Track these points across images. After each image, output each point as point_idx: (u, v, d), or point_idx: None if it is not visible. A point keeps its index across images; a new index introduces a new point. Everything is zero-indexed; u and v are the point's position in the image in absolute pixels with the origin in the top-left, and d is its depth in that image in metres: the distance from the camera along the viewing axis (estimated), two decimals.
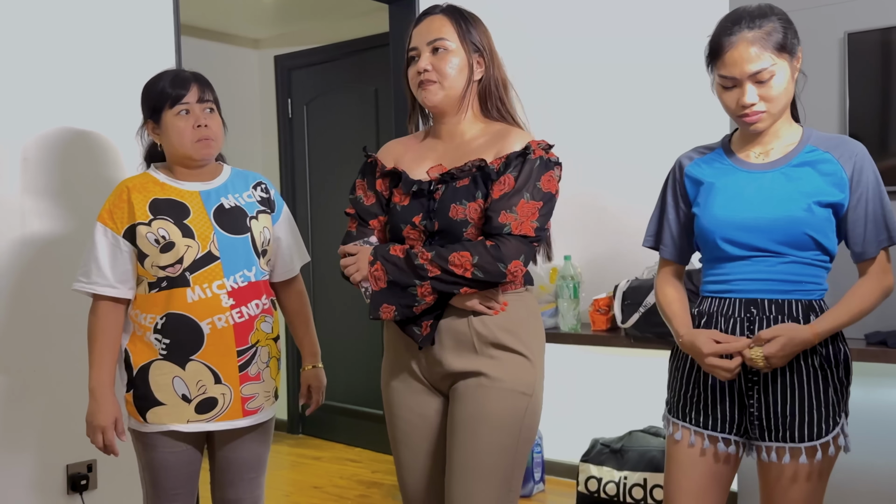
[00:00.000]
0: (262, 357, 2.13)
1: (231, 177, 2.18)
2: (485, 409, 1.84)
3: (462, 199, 1.85)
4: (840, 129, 2.94)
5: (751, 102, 1.77)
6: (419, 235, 1.89)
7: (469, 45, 1.91)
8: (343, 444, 4.82)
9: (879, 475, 2.92)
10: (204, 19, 4.76)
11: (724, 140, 1.97)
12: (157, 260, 2.01)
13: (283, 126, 5.04)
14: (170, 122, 2.05)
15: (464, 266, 1.78)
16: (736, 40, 1.76)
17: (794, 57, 1.80)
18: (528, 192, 1.81)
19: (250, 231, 2.11)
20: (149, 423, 2.05)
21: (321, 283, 4.94)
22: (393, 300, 1.87)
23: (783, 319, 1.81)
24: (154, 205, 2.05)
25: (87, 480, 2.67)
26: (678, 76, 3.49)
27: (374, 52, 4.52)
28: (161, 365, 2.03)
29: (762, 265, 1.83)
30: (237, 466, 2.16)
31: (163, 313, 2.02)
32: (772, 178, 1.83)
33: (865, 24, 2.90)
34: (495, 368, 1.86)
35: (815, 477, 1.81)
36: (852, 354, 2.68)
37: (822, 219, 1.80)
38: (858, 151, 1.82)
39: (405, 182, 1.92)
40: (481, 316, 1.86)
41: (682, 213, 1.96)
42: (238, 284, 2.07)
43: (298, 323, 2.34)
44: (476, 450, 1.84)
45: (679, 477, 1.89)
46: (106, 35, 2.74)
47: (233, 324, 2.05)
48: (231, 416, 2.08)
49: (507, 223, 1.79)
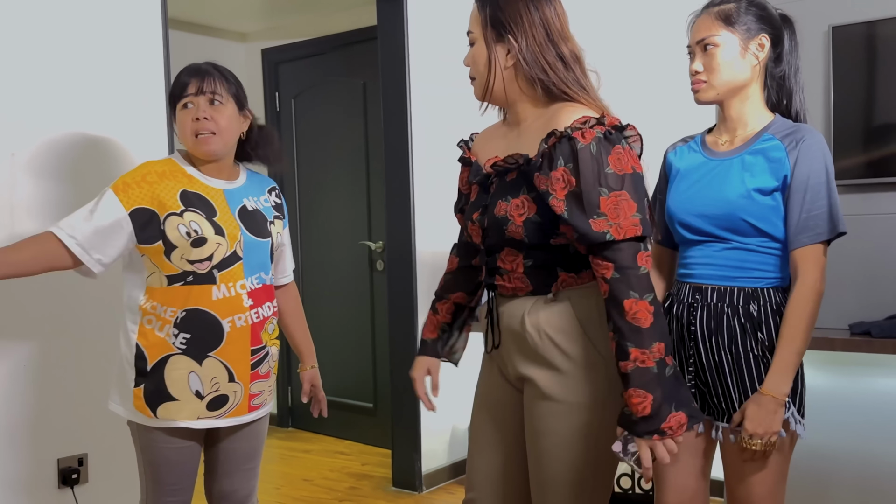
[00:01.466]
0: (273, 356, 2.16)
1: (248, 178, 2.19)
2: (548, 427, 1.70)
3: (507, 195, 1.70)
4: (825, 122, 2.97)
5: (695, 70, 1.92)
6: (478, 231, 1.79)
7: (491, 33, 1.73)
8: (333, 437, 4.83)
9: (863, 463, 2.96)
10: (190, 13, 4.74)
11: (706, 129, 2.06)
12: (186, 253, 1.98)
13: (271, 120, 5.03)
14: (177, 116, 2.05)
15: (641, 309, 1.56)
16: (701, 14, 1.94)
17: (747, 37, 1.88)
18: (602, 185, 1.58)
19: (270, 236, 2.14)
20: (158, 419, 2.02)
21: (310, 277, 4.95)
22: (675, 404, 1.58)
23: (723, 307, 1.88)
24: (185, 196, 2.01)
25: (79, 474, 2.67)
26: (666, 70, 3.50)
27: (362, 45, 4.52)
28: (178, 359, 2.01)
29: (709, 250, 1.91)
30: (235, 458, 2.17)
31: (183, 308, 2.00)
32: (728, 165, 1.90)
33: (850, 18, 2.92)
34: (554, 382, 1.69)
35: (767, 460, 1.85)
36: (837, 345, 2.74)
37: (763, 206, 1.84)
38: (806, 139, 1.83)
39: (473, 172, 1.82)
40: (535, 312, 1.71)
41: (665, 199, 2.05)
42: (255, 286, 2.08)
43: (296, 325, 2.37)
44: (544, 465, 1.73)
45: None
46: (93, 30, 2.73)
47: (251, 323, 2.06)
48: (238, 413, 2.09)
49: (606, 231, 1.57)
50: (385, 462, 4.26)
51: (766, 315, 1.86)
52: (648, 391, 1.54)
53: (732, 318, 1.87)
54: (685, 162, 2.00)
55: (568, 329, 1.69)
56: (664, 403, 1.55)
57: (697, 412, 1.62)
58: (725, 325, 1.87)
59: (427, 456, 3.88)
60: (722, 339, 1.88)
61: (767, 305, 1.86)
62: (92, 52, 2.73)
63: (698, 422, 1.64)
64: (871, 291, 2.94)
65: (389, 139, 3.84)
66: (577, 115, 1.64)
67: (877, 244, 2.92)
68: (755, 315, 1.86)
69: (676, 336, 1.96)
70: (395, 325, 3.88)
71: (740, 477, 1.88)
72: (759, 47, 1.89)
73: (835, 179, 1.86)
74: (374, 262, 4.54)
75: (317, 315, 4.89)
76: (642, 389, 1.54)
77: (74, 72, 2.69)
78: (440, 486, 3.93)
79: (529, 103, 1.75)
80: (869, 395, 2.95)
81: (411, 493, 3.84)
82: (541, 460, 1.73)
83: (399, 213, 3.83)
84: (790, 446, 1.89)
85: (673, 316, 1.97)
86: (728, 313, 1.87)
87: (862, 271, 2.94)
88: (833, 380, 2.99)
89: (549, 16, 1.71)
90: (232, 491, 2.19)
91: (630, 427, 1.57)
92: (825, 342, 2.72)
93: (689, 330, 1.93)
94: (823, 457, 3.02)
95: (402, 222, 3.82)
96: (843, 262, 2.95)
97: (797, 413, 1.87)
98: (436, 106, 3.87)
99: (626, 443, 1.56)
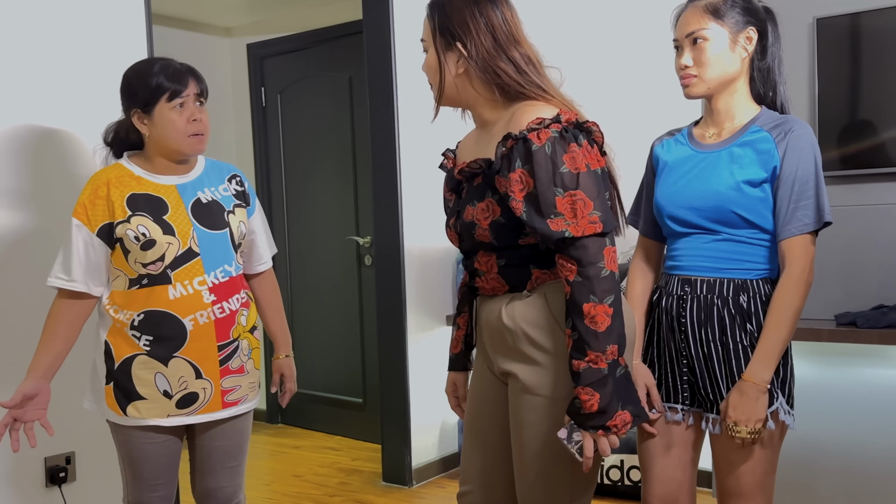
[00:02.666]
0: (244, 350, 2.14)
1: (206, 169, 2.17)
2: (526, 420, 1.73)
3: (474, 200, 1.74)
4: (810, 114, 2.98)
5: (684, 64, 1.90)
6: (455, 237, 1.83)
7: (440, 41, 1.76)
8: (322, 433, 4.83)
9: (850, 452, 2.98)
10: (174, 8, 4.71)
11: (693, 122, 2.06)
12: (139, 257, 2.00)
13: (257, 115, 5.01)
14: (164, 115, 2.02)
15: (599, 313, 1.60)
16: (687, 7, 1.93)
17: (736, 30, 1.88)
18: (557, 185, 1.60)
19: (228, 226, 2.11)
20: (128, 417, 2.04)
21: (298, 273, 4.94)
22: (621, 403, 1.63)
23: (713, 298, 1.89)
24: (132, 200, 2.03)
25: (66, 473, 2.66)
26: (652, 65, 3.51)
27: (347, 39, 4.50)
28: (144, 360, 2.02)
29: (698, 242, 1.92)
30: (217, 455, 2.17)
31: (141, 310, 2.02)
32: (716, 158, 1.91)
33: (834, 10, 2.93)
34: (531, 375, 1.72)
35: (755, 450, 1.86)
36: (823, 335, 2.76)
37: (753, 198, 1.85)
38: (795, 130, 1.84)
39: (447, 180, 1.86)
40: (511, 309, 1.74)
41: (652, 192, 2.06)
42: (219, 280, 2.07)
43: (272, 314, 2.35)
44: (524, 457, 1.76)
45: (646, 442, 2.02)
46: (76, 26, 2.71)
47: (214, 319, 2.05)
48: (210, 409, 2.09)
49: (564, 230, 1.60)
50: (375, 457, 4.26)
51: (755, 306, 1.87)
52: (597, 390, 1.59)
53: (722, 309, 1.88)
54: (673, 155, 2.00)
55: (543, 323, 1.71)
56: (612, 402, 1.60)
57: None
58: (716, 317, 1.88)
59: (417, 450, 3.88)
60: (712, 330, 1.88)
61: (757, 297, 1.87)
62: (76, 47, 2.71)
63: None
64: (855, 282, 2.96)
65: (376, 133, 3.83)
66: (533, 117, 1.66)
67: (861, 235, 2.94)
68: (745, 306, 1.86)
69: (666, 328, 1.96)
70: (384, 320, 3.87)
71: (730, 468, 1.89)
72: (748, 40, 1.89)
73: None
74: (363, 258, 4.54)
75: (305, 311, 4.89)
76: (591, 388, 1.60)
77: (59, 67, 2.67)
78: (430, 480, 3.93)
79: (489, 106, 1.77)
80: (855, 385, 2.97)
81: (401, 488, 3.84)
82: (522, 453, 1.75)
83: (386, 208, 3.82)
84: (779, 437, 1.90)
85: (662, 308, 1.97)
86: (718, 305, 1.88)
87: (847, 262, 2.97)
88: (819, 370, 3.01)
89: (497, 22, 1.74)
90: (217, 488, 2.18)
91: (578, 420, 1.63)
92: (811, 333, 2.74)
93: (679, 322, 1.93)
94: (810, 446, 3.04)
95: (390, 217, 3.81)
96: (828, 253, 2.97)
97: (786, 403, 1.88)
98: (422, 100, 3.86)
99: (572, 431, 1.63)
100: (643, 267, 2.09)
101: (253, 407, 2.21)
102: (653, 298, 2.03)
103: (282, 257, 5.00)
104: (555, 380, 1.69)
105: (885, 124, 2.87)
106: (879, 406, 2.92)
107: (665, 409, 1.98)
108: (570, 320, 1.62)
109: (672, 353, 1.96)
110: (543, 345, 1.70)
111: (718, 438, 1.91)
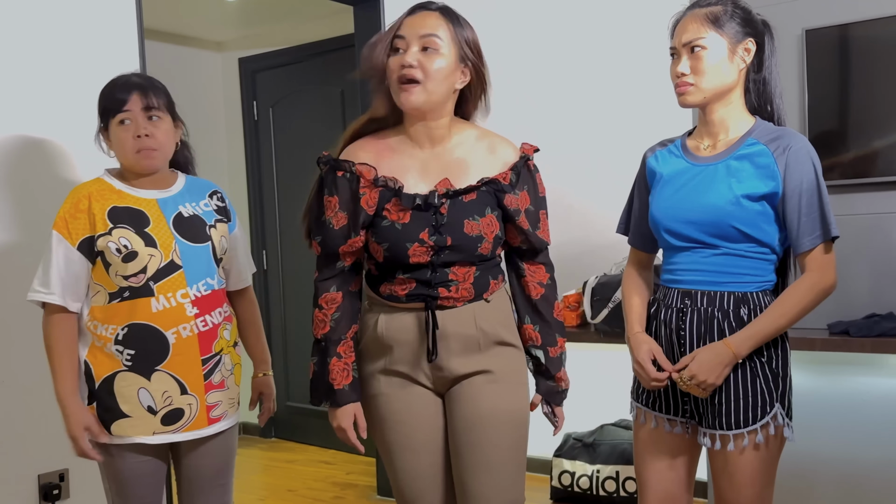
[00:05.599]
0: (227, 364, 2.12)
1: (187, 184, 2.16)
2: (498, 406, 1.88)
3: (474, 215, 1.83)
4: (800, 125, 3.00)
5: (681, 72, 1.88)
6: (427, 251, 1.82)
7: (459, 51, 1.81)
8: (316, 447, 4.81)
9: (844, 461, 2.98)
10: (166, 22, 4.72)
11: (685, 133, 2.04)
12: (121, 269, 1.99)
13: (249, 129, 5.01)
14: (113, 132, 2.03)
15: (561, 308, 2.02)
16: (686, 14, 1.92)
17: (735, 41, 1.86)
18: (541, 205, 1.95)
19: (210, 240, 2.10)
20: (113, 436, 2.02)
21: (290, 286, 4.93)
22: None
23: (714, 311, 1.87)
24: (113, 213, 2.01)
25: (60, 490, 2.65)
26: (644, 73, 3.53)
27: (339, 53, 4.52)
28: (126, 376, 2.00)
29: (697, 256, 1.90)
30: (204, 475, 2.14)
31: (124, 324, 2.00)
32: (713, 171, 1.89)
33: (823, 21, 2.95)
34: (500, 364, 1.90)
35: (752, 462, 1.85)
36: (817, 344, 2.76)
37: (752, 212, 1.84)
38: (794, 144, 1.84)
39: (406, 197, 1.81)
40: (484, 315, 1.89)
41: (644, 204, 2.04)
42: (201, 293, 2.05)
43: (251, 331, 2.31)
44: (497, 446, 1.86)
45: (643, 454, 2.01)
46: (69, 40, 2.71)
47: (197, 333, 2.03)
48: (197, 426, 2.06)
49: (545, 240, 1.95)
50: (369, 470, 4.24)
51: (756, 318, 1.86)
52: (565, 369, 2.00)
53: (723, 321, 1.86)
54: (667, 167, 1.97)
55: (506, 322, 1.94)
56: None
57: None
58: (716, 329, 1.87)
59: None
60: (712, 342, 1.87)
61: (758, 309, 1.86)
62: (68, 62, 2.71)
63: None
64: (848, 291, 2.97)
65: None
66: (508, 142, 1.93)
67: (853, 245, 2.95)
68: (745, 319, 1.85)
69: (665, 341, 1.94)
70: None
71: (728, 481, 1.88)
72: (746, 51, 1.88)
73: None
74: None
75: (298, 325, 4.87)
76: (565, 368, 2.00)
77: (53, 82, 2.67)
78: None
79: (449, 125, 1.88)
80: (848, 394, 2.98)
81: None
82: (492, 442, 1.86)
83: None
84: (778, 450, 1.88)
85: (661, 321, 1.96)
86: (718, 317, 1.87)
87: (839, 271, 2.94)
88: (813, 379, 3.02)
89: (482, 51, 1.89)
90: None
91: (554, 398, 1.99)
92: (805, 342, 2.75)
93: (678, 335, 1.91)
94: (804, 454, 3.04)
95: None
96: None
97: (785, 416, 1.87)
98: None
99: (545, 406, 2.00)
100: (637, 278, 2.08)
101: (236, 423, 2.19)
102: (651, 310, 2.02)
103: (275, 271, 4.99)
104: (518, 368, 1.94)
105: (874, 134, 2.89)
106: (873, 414, 2.93)
107: (670, 378, 1.92)
108: (540, 317, 1.96)
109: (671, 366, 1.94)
110: (510, 341, 1.93)
111: (717, 452, 1.89)
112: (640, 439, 2.02)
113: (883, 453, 2.91)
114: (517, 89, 3.87)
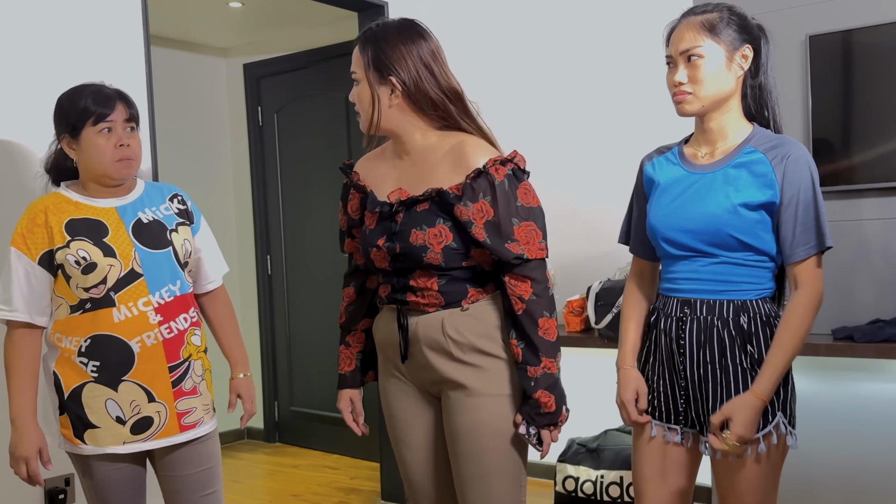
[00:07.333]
0: (197, 370, 2.11)
1: (146, 190, 2.15)
2: (480, 420, 1.88)
3: (422, 225, 1.86)
4: (803, 130, 3.01)
5: (679, 81, 1.86)
6: (385, 256, 1.91)
7: (373, 75, 1.87)
8: (321, 452, 4.81)
9: (848, 466, 2.98)
10: (172, 28, 4.74)
11: (682, 140, 2.02)
12: (81, 281, 1.98)
13: (254, 134, 5.03)
14: (90, 140, 2.00)
15: (551, 326, 1.86)
16: (681, 22, 1.89)
17: (732, 48, 1.84)
18: (514, 216, 1.82)
19: (171, 244, 2.09)
20: (86, 446, 2.02)
21: (294, 291, 4.94)
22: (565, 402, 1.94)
23: (713, 320, 1.86)
24: (70, 225, 2.00)
25: (65, 495, 2.65)
26: (646, 79, 3.54)
27: (343, 59, 4.50)
28: (93, 387, 2.00)
29: (696, 265, 1.89)
30: (190, 485, 2.12)
31: (87, 335, 2.00)
32: (711, 179, 1.87)
33: (827, 27, 2.96)
34: (478, 378, 1.88)
35: (755, 471, 1.85)
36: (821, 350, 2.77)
37: (750, 221, 1.82)
38: (792, 153, 1.82)
39: (371, 202, 1.94)
40: (454, 322, 1.89)
41: (643, 212, 2.03)
42: (164, 300, 2.04)
43: (226, 332, 2.29)
44: (482, 459, 1.88)
45: (641, 462, 2.00)
46: (76, 46, 2.73)
47: (162, 340, 2.03)
48: (168, 434, 2.05)
49: (522, 252, 1.82)
50: (374, 475, 4.25)
51: (756, 326, 1.85)
52: (552, 392, 1.86)
53: (723, 330, 1.86)
54: (665, 175, 1.96)
55: (486, 333, 1.90)
56: (562, 401, 1.88)
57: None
58: (715, 338, 1.86)
59: None
60: (712, 352, 1.86)
61: (757, 317, 1.85)
62: (75, 69, 2.72)
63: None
64: (852, 297, 2.98)
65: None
66: (482, 151, 1.85)
67: (857, 250, 2.96)
68: (745, 327, 1.85)
69: (665, 350, 1.94)
70: None
71: (732, 489, 1.87)
72: (743, 58, 1.86)
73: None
74: None
75: (303, 329, 4.89)
76: (547, 391, 1.85)
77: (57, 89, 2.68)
78: None
79: (417, 136, 1.91)
80: (852, 399, 2.98)
81: None
82: (479, 456, 1.87)
83: None
84: (781, 457, 1.88)
85: (661, 330, 1.95)
86: (718, 326, 1.86)
87: (843, 277, 2.98)
88: (817, 384, 3.02)
89: (427, 55, 1.88)
90: None
91: (535, 419, 1.86)
92: (809, 348, 2.75)
93: (678, 344, 1.91)
94: (808, 460, 3.04)
95: None
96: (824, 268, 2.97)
97: (788, 425, 1.86)
98: None
99: (528, 426, 1.87)
100: (638, 287, 2.07)
101: (212, 429, 2.16)
102: (650, 319, 2.01)
103: (279, 277, 5.00)
104: (500, 381, 1.89)
105: (878, 140, 2.89)
106: (877, 419, 2.93)
107: (651, 422, 1.97)
108: (522, 333, 1.85)
109: (670, 375, 1.94)
110: (489, 351, 1.89)
111: (719, 461, 1.88)
112: (636, 447, 2.01)
113: (887, 459, 2.91)
114: (520, 96, 3.88)
